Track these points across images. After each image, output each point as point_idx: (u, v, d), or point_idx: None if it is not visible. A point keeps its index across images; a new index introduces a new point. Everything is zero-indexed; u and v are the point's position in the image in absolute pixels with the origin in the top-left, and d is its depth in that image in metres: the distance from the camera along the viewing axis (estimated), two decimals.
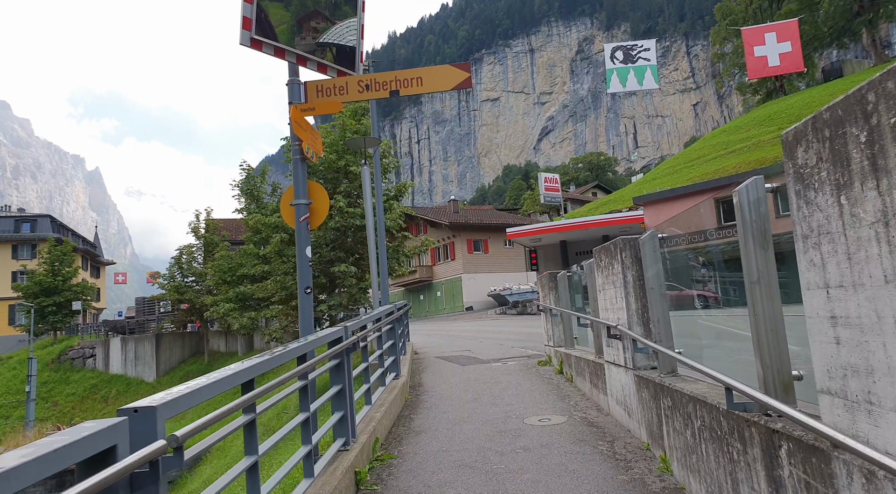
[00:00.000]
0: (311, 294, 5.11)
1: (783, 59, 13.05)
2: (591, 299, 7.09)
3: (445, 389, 8.48)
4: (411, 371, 10.45)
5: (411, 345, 13.89)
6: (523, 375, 9.14)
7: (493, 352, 13.03)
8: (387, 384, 7.07)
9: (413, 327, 32.61)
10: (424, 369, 10.92)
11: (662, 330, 4.76)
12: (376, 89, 5.26)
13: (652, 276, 4.82)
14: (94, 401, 34.30)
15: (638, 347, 5.18)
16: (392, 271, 16.16)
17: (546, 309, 9.85)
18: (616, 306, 5.74)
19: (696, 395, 3.76)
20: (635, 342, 5.13)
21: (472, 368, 10.43)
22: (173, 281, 32.43)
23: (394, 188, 16.95)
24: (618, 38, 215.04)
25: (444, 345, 16.66)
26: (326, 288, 15.96)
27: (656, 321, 4.79)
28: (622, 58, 13.83)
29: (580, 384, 7.80)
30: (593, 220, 32.55)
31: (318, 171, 15.91)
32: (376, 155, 13.72)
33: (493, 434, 5.77)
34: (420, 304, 51.37)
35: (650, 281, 4.84)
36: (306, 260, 5.11)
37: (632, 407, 5.51)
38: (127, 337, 36.51)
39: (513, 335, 18.52)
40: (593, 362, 6.99)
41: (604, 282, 6.11)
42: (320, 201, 5.27)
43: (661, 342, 4.72)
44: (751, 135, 48.76)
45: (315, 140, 5.30)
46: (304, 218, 5.14)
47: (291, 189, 5.19)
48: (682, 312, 6.13)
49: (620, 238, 5.50)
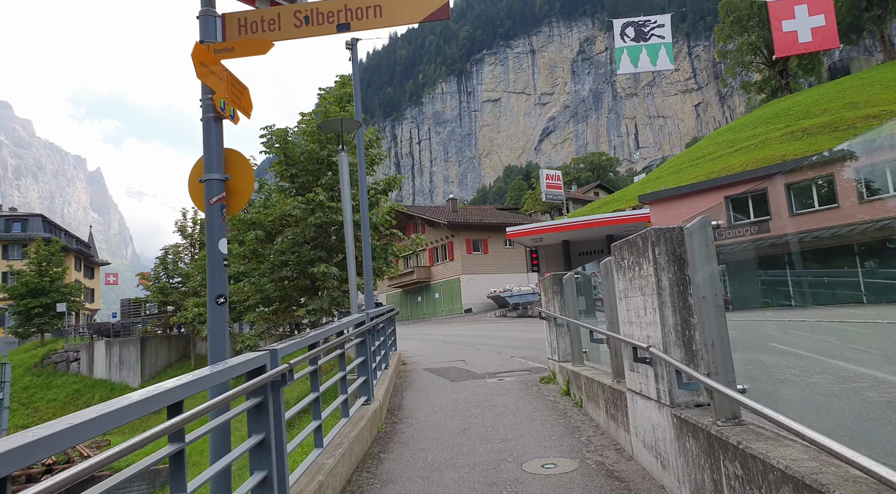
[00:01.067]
0: (226, 305, 3.67)
1: (816, 35, 11.61)
2: (607, 308, 5.66)
3: (429, 415, 7.05)
4: (393, 389, 9.02)
5: (398, 355, 12.46)
6: (523, 396, 7.70)
7: (490, 363, 11.59)
8: (351, 416, 5.64)
9: (408, 330, 31.19)
10: (409, 384, 9.49)
11: (718, 358, 3.32)
12: (319, 23, 3.83)
13: (704, 280, 3.38)
14: (77, 407, 32.85)
15: (682, 380, 3.74)
16: (379, 273, 14.73)
17: (549, 317, 8.41)
18: (644, 320, 4.32)
19: (799, 475, 2.33)
20: (679, 373, 3.68)
21: (463, 385, 8.99)
22: (158, 282, 30.99)
23: (382, 182, 15.51)
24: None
25: (436, 353, 15.24)
26: (308, 291, 14.53)
27: (708, 345, 3.36)
28: (633, 35, 12.40)
29: (592, 412, 6.36)
30: (597, 219, 31.12)
31: (299, 162, 14.49)
32: (360, 142, 12.29)
33: (480, 489, 4.35)
34: (418, 306, 49.93)
35: (701, 288, 3.40)
36: (220, 259, 3.67)
37: (667, 457, 4.09)
38: (112, 340, 35.07)
39: (512, 342, 17.09)
40: (610, 387, 5.56)
41: (627, 287, 4.68)
42: (242, 176, 3.84)
43: (716, 374, 3.30)
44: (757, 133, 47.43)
45: (237, 92, 3.87)
46: (218, 199, 3.71)
47: (202, 161, 3.76)
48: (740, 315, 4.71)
49: (652, 229, 4.07)
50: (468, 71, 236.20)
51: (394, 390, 8.94)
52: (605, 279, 5.63)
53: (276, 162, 14.48)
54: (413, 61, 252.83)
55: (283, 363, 3.47)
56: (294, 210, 13.11)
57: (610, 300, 5.52)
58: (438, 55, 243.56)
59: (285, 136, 14.45)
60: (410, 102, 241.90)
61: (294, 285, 14.21)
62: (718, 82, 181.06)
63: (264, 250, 14.02)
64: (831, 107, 44.34)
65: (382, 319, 8.81)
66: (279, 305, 14.72)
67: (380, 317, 8.53)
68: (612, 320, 5.53)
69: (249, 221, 14.41)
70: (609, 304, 5.57)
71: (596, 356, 7.31)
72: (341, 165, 9.93)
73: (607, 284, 5.60)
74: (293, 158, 14.30)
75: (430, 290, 48.04)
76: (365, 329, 6.52)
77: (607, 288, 5.60)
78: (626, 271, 4.69)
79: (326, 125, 9.97)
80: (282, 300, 14.42)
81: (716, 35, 72.87)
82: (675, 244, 4.02)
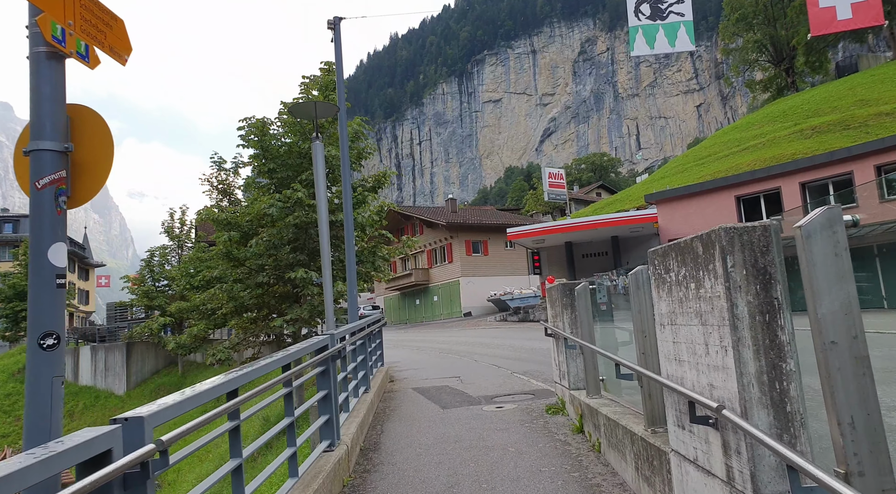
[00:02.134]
0: (60, 347, 2.31)
1: (857, 11, 10.21)
2: (638, 334, 4.30)
3: (410, 459, 5.70)
4: (373, 418, 7.67)
5: (385, 371, 11.10)
6: (526, 432, 6.34)
7: (488, 382, 10.24)
8: (301, 476, 4.28)
9: (404, 336, 29.77)
10: (393, 411, 8.13)
11: (866, 448, 1.97)
12: None
13: (833, 314, 2.03)
14: None
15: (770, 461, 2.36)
16: (367, 278, 13.37)
17: (557, 335, 7.04)
18: (705, 361, 2.98)
19: None
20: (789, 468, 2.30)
21: (456, 414, 7.63)
22: (143, 286, 29.63)
23: (371, 178, 14.15)
24: (620, 38, 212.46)
25: (430, 366, 13.88)
26: (289, 298, 13.17)
27: (844, 422, 2.01)
28: (649, 13, 11.03)
29: (615, 464, 5.00)
30: (601, 219, 29.74)
31: (278, 156, 13.15)
32: (343, 132, 10.93)
33: None
34: (416, 309, 48.56)
35: (828, 325, 2.05)
36: (49, 277, 2.32)
37: None
38: (97, 346, 33.73)
39: (513, 352, 15.73)
40: (643, 439, 4.20)
41: (674, 311, 3.33)
42: (95, 146, 2.49)
43: (860, 474, 1.96)
44: (764, 131, 46.16)
45: (96, 19, 2.51)
46: (51, 181, 2.36)
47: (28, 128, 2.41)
48: None
49: (723, 228, 2.72)
50: (469, 71, 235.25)
51: (373, 419, 7.59)
52: (636, 295, 4.27)
53: (253, 156, 13.14)
54: (414, 62, 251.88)
55: (149, 444, 2.15)
56: (269, 209, 11.77)
57: (644, 324, 4.17)
58: (439, 56, 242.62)
59: (264, 127, 13.10)
60: (411, 103, 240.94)
61: (272, 292, 12.86)
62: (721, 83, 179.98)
63: (239, 254, 12.67)
64: (841, 104, 43.07)
65: (359, 337, 7.45)
66: (257, 314, 13.37)
67: (356, 335, 7.17)
68: (646, 350, 4.18)
69: (224, 221, 13.06)
70: (642, 328, 4.22)
71: (615, 385, 5.97)
72: (315, 155, 8.58)
73: (639, 301, 4.24)
74: (272, 151, 12.95)
75: (428, 293, 46.67)
76: (329, 356, 5.17)
77: (639, 307, 4.25)
78: (672, 287, 3.34)
79: (298, 109, 8.63)
80: (259, 309, 13.07)
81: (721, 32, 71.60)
82: (758, 252, 2.68)
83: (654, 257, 3.57)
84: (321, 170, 8.55)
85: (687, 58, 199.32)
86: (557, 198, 32.91)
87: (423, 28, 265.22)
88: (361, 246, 13.26)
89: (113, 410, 29.29)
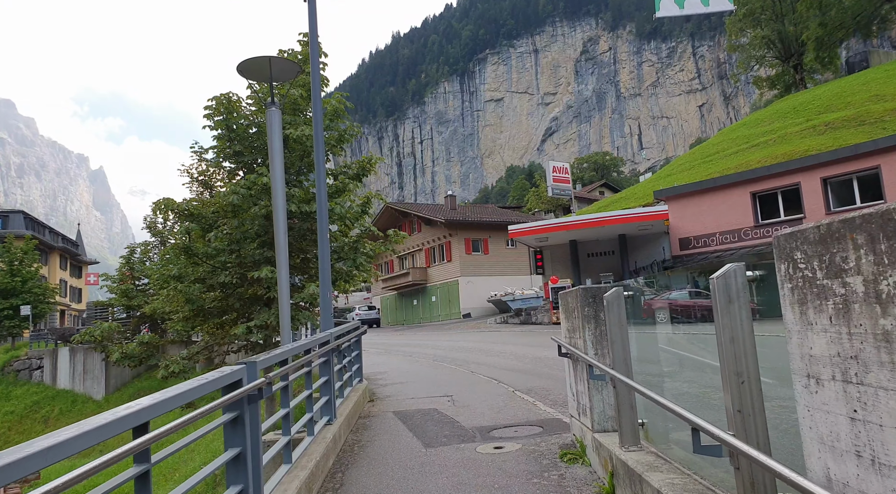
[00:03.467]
0: None
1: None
2: (729, 376, 2.58)
3: None
4: (335, 461, 5.95)
5: (363, 389, 9.37)
6: None
7: (485, 404, 8.51)
8: None
9: (398, 339, 28.00)
10: (362, 449, 6.40)
11: None
12: None
13: None
14: (34, 422, 29.83)
15: None
16: (344, 278, 11.63)
17: (576, 358, 5.31)
18: None
19: None
20: None
21: (441, 457, 5.90)
22: (121, 284, 27.91)
23: (355, 164, 12.40)
24: (622, 38, 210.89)
25: (419, 378, 12.17)
26: (258, 302, 11.44)
27: None
28: None
29: None
30: (609, 216, 27.97)
31: (245, 136, 11.42)
32: (317, 108, 9.16)
33: None
34: (413, 310, 46.82)
35: None
36: None
37: None
38: (76, 347, 32.01)
39: (515, 361, 14.02)
40: None
41: (858, 353, 1.63)
42: None
43: None
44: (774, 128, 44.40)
45: None
46: None
47: None
48: None
49: None
50: (471, 70, 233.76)
51: (335, 463, 5.86)
52: (727, 314, 2.55)
53: (218, 137, 11.41)
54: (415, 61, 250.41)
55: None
56: (231, 197, 10.06)
57: (741, 363, 2.45)
58: (441, 54, 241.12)
59: (230, 104, 11.36)
60: (413, 102, 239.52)
61: (239, 294, 11.14)
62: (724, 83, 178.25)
63: (200, 249, 10.96)
64: (855, 100, 41.36)
65: (316, 355, 5.69)
66: (224, 319, 11.66)
67: (308, 353, 5.43)
68: (744, 405, 2.45)
69: (184, 211, 11.36)
70: (736, 369, 2.50)
71: (661, 431, 4.25)
72: (271, 125, 6.87)
73: (731, 323, 2.53)
74: (237, 131, 11.23)
75: (426, 293, 44.93)
76: (243, 394, 3.44)
77: (731, 333, 2.53)
78: (853, 307, 1.64)
79: (249, 67, 6.89)
80: (222, 313, 11.34)
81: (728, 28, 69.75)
82: None
83: (798, 243, 1.85)
84: (277, 143, 6.83)
85: (689, 58, 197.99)
86: (562, 193, 31.15)
87: (424, 27, 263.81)
88: (342, 241, 11.54)
89: (89, 415, 27.61)
